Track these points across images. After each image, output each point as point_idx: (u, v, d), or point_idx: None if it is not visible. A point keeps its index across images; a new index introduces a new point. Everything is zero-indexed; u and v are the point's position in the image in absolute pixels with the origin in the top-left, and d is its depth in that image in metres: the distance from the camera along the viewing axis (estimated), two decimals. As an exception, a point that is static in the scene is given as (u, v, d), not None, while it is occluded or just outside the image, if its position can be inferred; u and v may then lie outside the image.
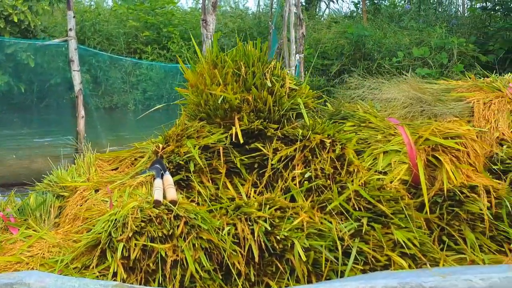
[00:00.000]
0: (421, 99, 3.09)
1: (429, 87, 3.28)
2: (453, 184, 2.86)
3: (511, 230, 2.86)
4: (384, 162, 2.90)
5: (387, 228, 2.74)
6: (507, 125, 3.19)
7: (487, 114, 3.18)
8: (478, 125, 3.15)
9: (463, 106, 3.18)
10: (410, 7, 12.28)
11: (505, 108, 3.22)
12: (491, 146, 3.10)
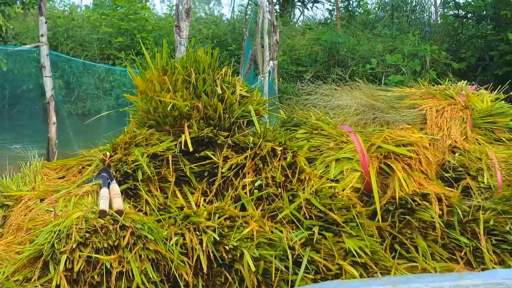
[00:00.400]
0: (374, 106, 3.05)
1: (383, 94, 3.25)
2: (405, 192, 2.83)
3: (462, 238, 2.83)
4: (336, 170, 2.85)
5: (338, 237, 2.69)
6: (460, 132, 3.16)
7: (440, 121, 3.16)
8: (430, 133, 3.13)
9: (416, 113, 3.15)
10: (383, 14, 12.35)
11: (457, 116, 3.20)
12: (443, 153, 3.07)
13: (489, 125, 3.33)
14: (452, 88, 3.41)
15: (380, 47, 9.78)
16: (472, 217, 2.87)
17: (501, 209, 2.87)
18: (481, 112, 3.36)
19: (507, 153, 3.13)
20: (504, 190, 2.98)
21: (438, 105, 3.24)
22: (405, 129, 3.02)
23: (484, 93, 3.54)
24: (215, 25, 12.86)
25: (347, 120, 3.03)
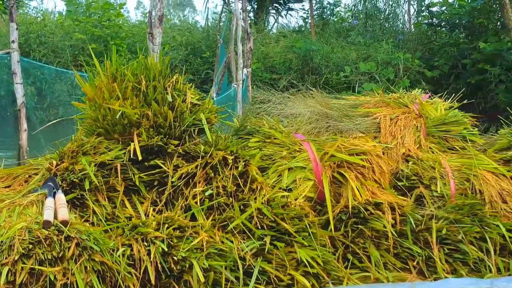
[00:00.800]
0: (327, 115, 3.01)
1: (337, 103, 3.22)
2: (358, 201, 2.79)
3: (415, 247, 2.80)
4: (289, 179, 2.80)
5: (290, 247, 2.63)
6: (413, 141, 3.14)
7: (394, 130, 3.13)
8: (384, 141, 3.10)
9: (369, 122, 3.12)
10: (357, 23, 12.39)
11: (411, 124, 3.18)
12: (397, 162, 3.04)
13: (442, 133, 3.32)
14: (406, 97, 3.39)
15: (354, 55, 9.81)
16: (425, 226, 2.84)
17: (453, 218, 2.85)
18: (435, 121, 3.34)
19: (460, 162, 3.12)
20: (457, 198, 2.96)
21: (392, 113, 3.21)
22: (359, 137, 2.98)
23: (438, 102, 3.53)
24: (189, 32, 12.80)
25: (300, 129, 2.98)
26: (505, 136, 3.37)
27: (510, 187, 3.05)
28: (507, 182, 3.07)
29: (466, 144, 3.26)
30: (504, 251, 2.92)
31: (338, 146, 2.86)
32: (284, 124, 3.07)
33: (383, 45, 9.82)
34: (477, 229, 2.86)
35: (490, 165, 3.10)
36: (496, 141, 3.39)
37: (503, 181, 3.07)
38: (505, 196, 3.01)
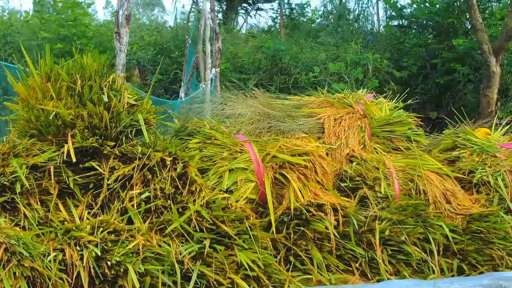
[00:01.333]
0: (269, 115, 2.95)
1: (280, 103, 3.16)
2: (300, 203, 2.74)
3: (358, 249, 2.77)
4: (230, 181, 2.74)
5: (231, 250, 2.58)
6: (357, 141, 3.11)
7: (338, 130, 3.09)
8: (328, 142, 3.06)
9: (313, 122, 3.07)
10: (326, 23, 12.39)
11: (355, 125, 3.15)
12: (340, 163, 3.00)
13: (387, 133, 3.30)
14: (351, 97, 3.35)
15: (323, 55, 9.78)
16: (368, 227, 2.82)
17: (397, 219, 2.84)
18: (379, 121, 3.32)
19: (404, 162, 3.10)
20: (401, 199, 2.93)
21: (337, 113, 3.18)
22: (301, 138, 2.94)
23: (383, 102, 3.50)
24: (158, 32, 12.68)
25: (242, 129, 2.91)
26: (450, 136, 3.37)
27: (454, 188, 3.05)
28: (451, 182, 3.07)
29: (411, 144, 3.24)
30: (448, 251, 2.92)
31: (280, 147, 2.82)
32: (227, 124, 3.00)
33: (352, 46, 9.81)
34: (420, 230, 2.85)
35: (434, 165, 3.09)
36: (441, 141, 3.37)
37: (447, 181, 3.06)
38: (449, 196, 3.01)
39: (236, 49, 10.69)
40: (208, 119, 2.94)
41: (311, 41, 10.83)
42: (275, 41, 10.07)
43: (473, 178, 3.13)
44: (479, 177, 3.11)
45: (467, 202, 3.03)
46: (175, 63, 10.60)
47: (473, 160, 3.19)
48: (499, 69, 7.20)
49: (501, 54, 7.32)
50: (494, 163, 3.17)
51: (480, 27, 7.35)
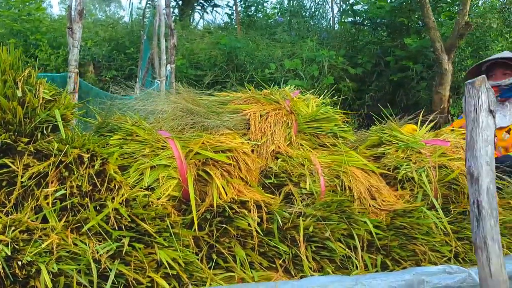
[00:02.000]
0: (192, 111, 2.97)
1: (205, 99, 3.19)
2: (224, 200, 2.77)
3: (282, 246, 2.82)
4: (151, 178, 2.75)
5: (150, 248, 2.59)
6: (284, 138, 3.17)
7: (264, 126, 3.14)
8: (254, 138, 3.10)
9: (238, 118, 3.11)
10: (282, 20, 12.49)
11: (281, 121, 3.20)
12: (265, 159, 3.05)
13: (314, 130, 3.37)
14: (278, 93, 3.40)
15: (279, 52, 9.88)
16: (292, 224, 2.87)
17: (321, 215, 2.89)
18: (306, 117, 3.39)
19: (330, 158, 3.17)
20: (326, 196, 2.99)
21: (263, 110, 3.22)
22: (226, 134, 2.97)
23: (310, 98, 3.57)
24: (112, 27, 12.56)
25: (165, 126, 2.92)
26: (376, 133, 3.46)
27: (379, 184, 3.14)
28: (376, 178, 3.16)
29: (337, 140, 3.31)
30: (372, 247, 2.99)
31: (203, 143, 2.85)
32: (150, 121, 3.01)
33: (308, 43, 9.94)
34: (344, 226, 2.91)
35: (360, 161, 3.18)
36: (367, 137, 3.46)
37: (372, 177, 3.15)
38: (374, 192, 3.10)
39: (192, 45, 10.73)
40: (131, 115, 2.95)
41: (267, 38, 10.94)
42: (231, 38, 10.16)
43: (398, 174, 3.23)
44: (404, 173, 3.21)
45: (391, 198, 3.12)
46: (131, 59, 10.62)
47: (398, 157, 3.30)
48: (451, 67, 7.44)
49: (453, 52, 7.55)
50: (418, 159, 3.28)
51: (432, 25, 7.56)
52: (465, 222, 3.19)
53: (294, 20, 12.29)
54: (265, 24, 12.45)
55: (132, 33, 11.58)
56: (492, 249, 2.52)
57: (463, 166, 3.28)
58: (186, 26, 13.09)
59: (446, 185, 3.26)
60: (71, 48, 5.88)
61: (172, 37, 8.01)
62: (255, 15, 13.17)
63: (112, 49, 10.75)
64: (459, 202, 3.25)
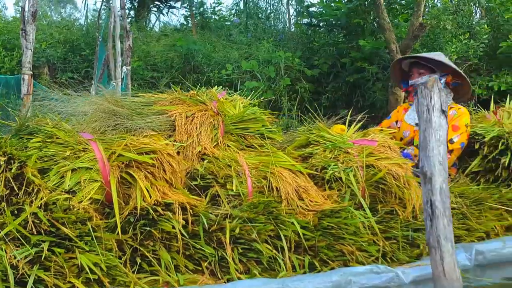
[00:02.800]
0: (115, 113, 3.01)
1: (129, 100, 3.23)
2: (148, 202, 2.81)
3: (208, 248, 2.87)
4: (72, 181, 2.78)
5: (72, 253, 2.61)
6: (210, 139, 3.23)
7: (189, 128, 3.20)
8: (179, 140, 3.16)
9: (163, 120, 3.17)
10: (239, 21, 12.62)
11: (208, 122, 3.27)
12: (191, 161, 3.10)
13: (241, 131, 3.45)
14: (204, 94, 3.47)
15: (236, 53, 10.02)
16: (219, 226, 2.94)
17: (248, 216, 2.96)
18: (233, 118, 3.46)
19: (258, 159, 3.25)
20: (254, 197, 3.07)
21: (188, 111, 3.28)
22: (150, 136, 3.01)
23: (237, 99, 3.65)
24: (68, 29, 12.53)
25: (87, 128, 2.95)
26: (304, 133, 3.56)
27: (307, 184, 3.23)
28: (303, 179, 3.25)
29: (264, 141, 3.40)
30: (299, 248, 3.08)
31: (126, 145, 2.88)
32: (73, 122, 3.03)
33: (264, 44, 10.10)
34: (271, 227, 2.99)
35: (288, 162, 3.27)
36: (295, 138, 3.56)
37: (300, 178, 3.24)
38: (301, 193, 3.19)
39: (148, 47, 10.80)
40: (51, 117, 2.95)
41: (223, 39, 11.09)
42: (187, 40, 10.26)
43: (325, 174, 3.33)
44: (331, 173, 3.32)
45: (319, 198, 3.22)
46: (86, 60, 10.68)
47: (326, 157, 3.40)
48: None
49: (408, 53, 7.77)
50: (346, 159, 3.39)
51: (387, 26, 7.76)
52: (393, 222, 3.33)
53: (251, 22, 12.47)
54: (222, 26, 12.59)
55: (87, 35, 11.63)
56: (445, 248, 2.68)
57: (390, 165, 3.42)
58: (142, 28, 13.16)
59: (374, 184, 3.39)
60: (25, 50, 5.85)
61: (128, 39, 8.06)
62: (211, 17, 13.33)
63: (67, 51, 10.79)
64: (387, 202, 3.39)
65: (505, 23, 8.54)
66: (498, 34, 8.69)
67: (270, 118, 3.61)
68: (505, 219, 3.65)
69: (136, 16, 14.14)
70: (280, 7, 13.78)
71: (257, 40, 10.79)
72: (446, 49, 8.09)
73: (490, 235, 3.53)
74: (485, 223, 3.55)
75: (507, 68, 8.37)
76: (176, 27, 14.07)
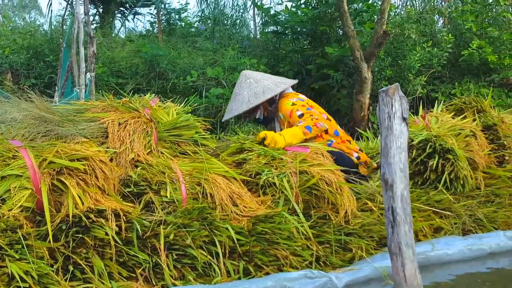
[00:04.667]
0: (46, 119, 3.17)
1: (61, 107, 3.39)
2: (80, 209, 2.97)
3: (142, 254, 3.04)
4: (2, 188, 2.88)
5: (1, 261, 2.73)
6: (143, 146, 3.42)
7: (122, 135, 3.38)
8: (112, 146, 3.33)
9: (96, 127, 3.33)
10: (204, 28, 12.86)
11: (141, 129, 3.45)
12: (125, 168, 3.29)
13: (174, 138, 3.64)
14: (137, 101, 3.67)
15: (201, 60, 10.24)
16: (153, 232, 3.10)
17: (182, 222, 3.15)
18: (166, 125, 3.66)
19: (192, 166, 3.45)
20: (188, 203, 3.28)
21: (121, 118, 3.45)
22: (81, 143, 3.17)
23: (170, 106, 3.87)
24: (31, 35, 12.51)
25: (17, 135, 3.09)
26: (237, 139, 3.81)
27: (241, 190, 3.45)
28: (237, 185, 3.48)
29: (198, 148, 3.63)
30: (234, 254, 3.28)
31: (57, 152, 3.02)
32: (2, 130, 3.16)
33: (229, 51, 10.38)
34: (206, 233, 3.18)
35: (221, 168, 3.48)
36: (229, 145, 3.82)
37: (233, 184, 3.46)
38: (235, 199, 3.40)
39: (113, 53, 10.92)
40: (-22, 125, 3.08)
41: (189, 46, 11.32)
42: (152, 46, 10.45)
43: (259, 180, 3.56)
44: (265, 178, 3.54)
45: (253, 204, 3.45)
46: (50, 67, 10.77)
47: (260, 163, 3.63)
48: (370, 75, 8.00)
49: (372, 61, 8.11)
50: (280, 165, 3.65)
51: (352, 34, 8.08)
52: (326, 226, 3.58)
53: (216, 28, 12.75)
54: (187, 32, 12.83)
55: (51, 41, 11.69)
56: (406, 254, 2.81)
57: (323, 171, 3.69)
58: (107, 34, 13.28)
59: (307, 190, 3.62)
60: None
61: (92, 45, 8.17)
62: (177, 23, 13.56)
63: (31, 57, 10.85)
64: (320, 207, 3.63)
65: (467, 31, 9.05)
66: (460, 42, 9.23)
67: (203, 125, 3.84)
68: (433, 219, 4.00)
69: (101, 22, 14.28)
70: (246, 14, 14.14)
71: (223, 47, 11.09)
72: (410, 57, 8.57)
73: (419, 235, 3.85)
74: (414, 224, 3.88)
75: (469, 76, 8.90)
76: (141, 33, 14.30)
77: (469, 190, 4.35)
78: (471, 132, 4.67)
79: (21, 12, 25.92)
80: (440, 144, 4.21)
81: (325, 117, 4.59)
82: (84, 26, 8.11)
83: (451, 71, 9.24)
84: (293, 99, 4.72)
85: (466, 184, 4.26)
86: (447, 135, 4.37)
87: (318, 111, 4.60)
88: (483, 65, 8.89)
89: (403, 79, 8.68)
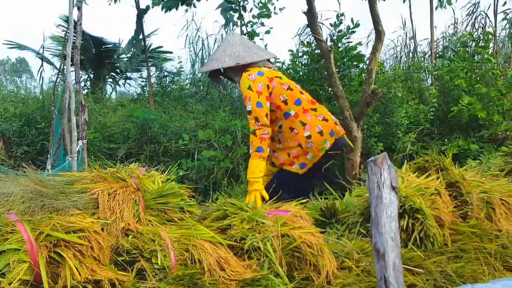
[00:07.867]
0: (41, 193, 3.63)
1: (52, 179, 3.86)
2: (77, 280, 3.41)
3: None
4: (2, 263, 3.23)
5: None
6: (132, 215, 3.90)
7: (112, 204, 3.85)
8: (103, 217, 3.78)
9: (87, 198, 3.79)
10: (195, 90, 13.43)
11: (129, 198, 3.93)
12: (116, 237, 3.77)
13: (161, 205, 4.11)
14: (124, 171, 4.17)
15: (192, 123, 10.70)
16: (143, 300, 3.56)
17: (174, 289, 3.63)
18: (152, 194, 4.16)
19: (179, 233, 3.91)
20: (177, 269, 3.76)
21: (110, 188, 3.91)
22: (76, 215, 3.63)
23: (155, 175, 4.40)
24: (23, 103, 12.89)
25: (13, 209, 3.54)
26: (220, 206, 4.36)
27: (227, 255, 3.93)
28: (223, 250, 3.96)
29: (184, 215, 4.14)
30: (223, 319, 3.75)
31: (54, 225, 3.46)
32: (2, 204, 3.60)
33: (220, 113, 10.92)
34: (196, 299, 3.65)
35: (207, 234, 3.97)
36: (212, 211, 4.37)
37: (220, 249, 3.94)
38: (222, 263, 3.85)
39: (104, 118, 11.37)
40: (-23, 200, 3.50)
41: (180, 108, 11.84)
42: (144, 110, 10.93)
43: (244, 244, 4.02)
44: (250, 243, 4.05)
45: (240, 268, 3.91)
46: (42, 134, 11.11)
47: (244, 228, 4.15)
48: (360, 134, 8.54)
49: (362, 120, 8.70)
50: (263, 229, 4.19)
51: (340, 94, 8.57)
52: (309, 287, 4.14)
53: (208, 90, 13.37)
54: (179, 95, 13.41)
55: (43, 108, 12.07)
56: None
57: (303, 234, 4.24)
58: (99, 99, 13.76)
59: (289, 253, 4.06)
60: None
61: (83, 113, 8.54)
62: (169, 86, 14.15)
63: (23, 125, 11.20)
64: (302, 269, 4.08)
65: (455, 88, 9.69)
66: (449, 99, 9.86)
67: (187, 192, 4.36)
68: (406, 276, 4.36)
69: (92, 87, 14.86)
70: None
71: (214, 109, 11.68)
72: (397, 114, 9.26)
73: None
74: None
75: (458, 132, 9.50)
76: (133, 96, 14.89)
77: (438, 247, 4.84)
78: (436, 191, 5.22)
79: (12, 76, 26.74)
80: (410, 204, 4.71)
81: (285, 87, 5.18)
82: (76, 94, 8.57)
83: (440, 127, 9.88)
84: (251, 76, 5.35)
85: (435, 241, 4.75)
86: (415, 195, 4.87)
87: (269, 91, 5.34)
88: (472, 121, 9.53)
89: (392, 136, 9.26)
